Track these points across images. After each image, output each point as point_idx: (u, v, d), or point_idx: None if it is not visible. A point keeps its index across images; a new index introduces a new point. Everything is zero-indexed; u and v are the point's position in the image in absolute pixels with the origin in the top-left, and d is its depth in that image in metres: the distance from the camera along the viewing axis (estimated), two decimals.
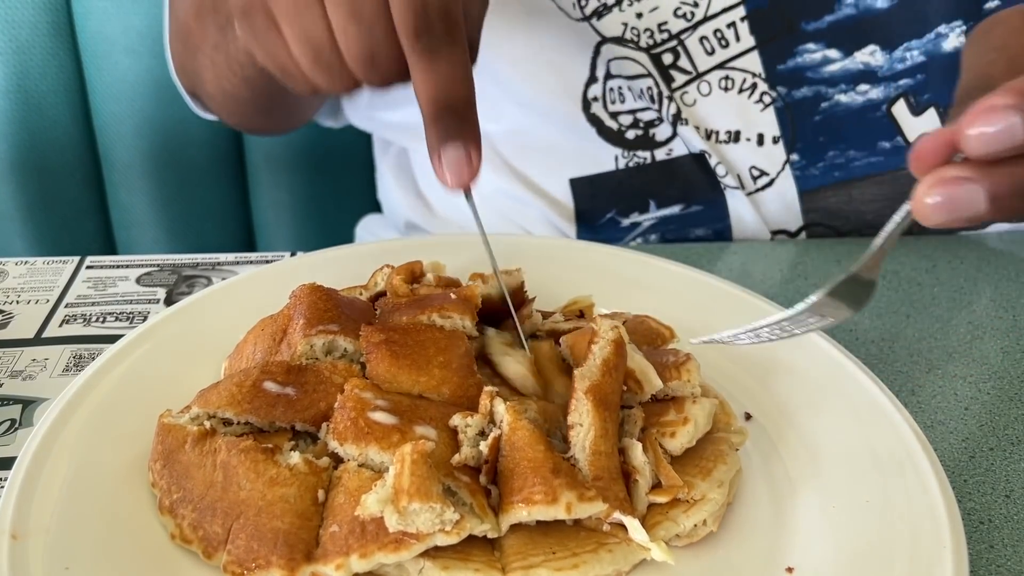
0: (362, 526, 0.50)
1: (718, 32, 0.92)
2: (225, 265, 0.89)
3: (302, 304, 0.64)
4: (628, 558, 0.54)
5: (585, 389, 0.56)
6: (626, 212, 1.01)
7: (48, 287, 0.85)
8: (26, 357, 0.75)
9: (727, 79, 0.94)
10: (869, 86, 0.93)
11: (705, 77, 0.94)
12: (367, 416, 0.55)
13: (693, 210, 1.00)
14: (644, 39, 0.93)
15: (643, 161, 0.98)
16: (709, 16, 0.92)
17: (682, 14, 0.92)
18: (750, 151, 0.96)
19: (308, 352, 0.62)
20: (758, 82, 0.94)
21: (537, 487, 0.52)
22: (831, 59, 0.92)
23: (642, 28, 0.93)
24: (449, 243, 0.86)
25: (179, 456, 0.56)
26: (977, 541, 0.60)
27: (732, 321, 0.74)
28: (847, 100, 0.94)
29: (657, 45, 0.93)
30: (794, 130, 0.95)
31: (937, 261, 0.94)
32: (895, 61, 0.91)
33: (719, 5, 0.92)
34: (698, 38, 0.93)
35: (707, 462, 0.59)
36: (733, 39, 0.93)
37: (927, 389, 0.75)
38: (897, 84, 0.92)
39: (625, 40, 0.93)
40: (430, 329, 0.62)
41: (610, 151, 0.98)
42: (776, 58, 0.93)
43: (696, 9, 0.92)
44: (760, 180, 0.97)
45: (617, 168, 0.99)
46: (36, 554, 0.52)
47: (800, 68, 0.93)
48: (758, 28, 0.92)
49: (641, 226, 1.02)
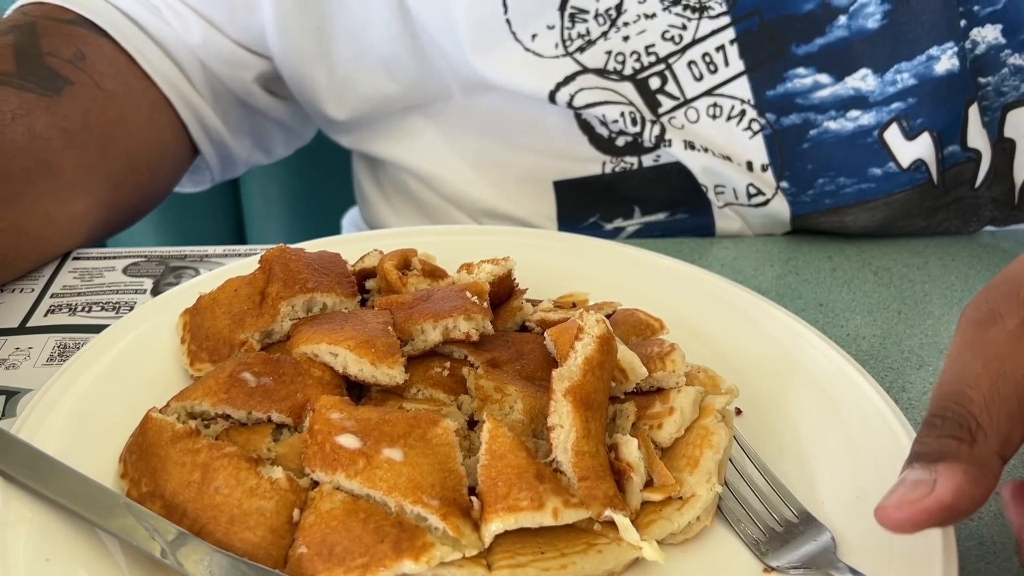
0: (330, 549, 0.50)
1: (707, 56, 0.91)
2: (213, 257, 0.89)
3: (275, 267, 0.66)
4: (619, 558, 0.53)
5: (564, 391, 0.56)
6: (610, 217, 1.01)
7: (33, 277, 0.84)
8: (10, 346, 0.74)
9: (715, 106, 0.93)
10: (860, 112, 0.91)
11: (693, 104, 0.93)
12: (334, 441, 0.54)
13: (678, 217, 1.00)
14: (630, 64, 0.91)
15: (630, 167, 0.98)
16: (698, 39, 0.91)
17: (670, 37, 0.91)
18: (742, 173, 0.95)
19: (290, 312, 0.64)
20: (747, 109, 0.92)
21: (523, 493, 0.51)
22: (821, 84, 0.91)
23: (628, 52, 0.91)
24: (437, 235, 0.85)
25: (158, 450, 0.55)
26: (967, 538, 0.60)
27: (724, 315, 0.74)
28: (836, 127, 0.92)
29: (644, 69, 0.92)
30: (782, 158, 0.93)
31: (929, 258, 0.94)
32: (886, 84, 0.89)
33: (708, 27, 0.90)
34: (686, 63, 0.91)
35: (693, 448, 0.58)
36: (722, 63, 0.91)
37: (918, 386, 0.75)
38: (889, 108, 0.91)
39: (607, 71, 0.92)
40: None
41: (598, 156, 0.98)
42: (766, 84, 0.92)
43: (684, 32, 0.90)
44: (756, 198, 0.96)
45: (604, 173, 0.98)
46: (16, 544, 0.51)
47: (790, 94, 0.91)
48: (748, 52, 0.91)
49: (624, 231, 1.02)
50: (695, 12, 0.89)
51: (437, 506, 0.51)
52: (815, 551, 0.55)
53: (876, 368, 0.76)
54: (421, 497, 0.51)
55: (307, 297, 0.65)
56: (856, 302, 0.86)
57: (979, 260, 0.94)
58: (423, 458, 0.53)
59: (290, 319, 0.64)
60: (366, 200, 1.15)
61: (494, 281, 0.68)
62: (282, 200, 1.45)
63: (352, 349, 0.59)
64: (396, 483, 0.51)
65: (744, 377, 0.68)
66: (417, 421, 0.55)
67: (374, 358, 0.59)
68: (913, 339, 0.81)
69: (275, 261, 0.67)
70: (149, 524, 0.52)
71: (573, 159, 0.98)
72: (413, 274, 0.70)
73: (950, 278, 0.90)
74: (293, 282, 0.65)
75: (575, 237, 0.87)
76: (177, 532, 0.51)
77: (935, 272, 0.91)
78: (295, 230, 1.46)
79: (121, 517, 0.52)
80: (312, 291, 0.65)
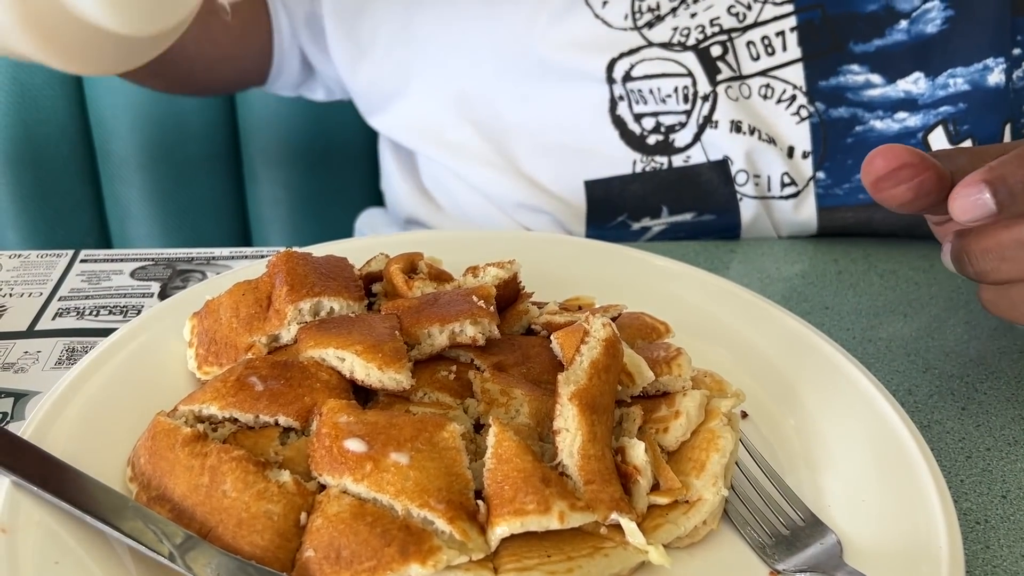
0: (337, 553, 0.50)
1: (766, 39, 0.93)
2: (220, 260, 0.89)
3: (282, 271, 0.66)
4: (625, 562, 0.53)
5: (569, 395, 0.56)
6: (638, 216, 1.01)
7: (42, 280, 0.84)
8: (18, 349, 0.74)
9: (768, 87, 0.94)
10: (908, 113, 0.92)
11: (747, 81, 0.95)
12: (341, 445, 0.54)
13: (706, 218, 1.00)
14: (694, 36, 0.93)
15: (660, 167, 0.98)
16: (760, 22, 0.93)
17: (735, 12, 0.93)
18: (781, 159, 0.96)
19: (297, 316, 0.64)
20: (798, 95, 0.94)
21: (529, 497, 0.51)
22: (873, 84, 0.92)
23: (693, 26, 0.93)
24: (443, 240, 0.85)
25: (166, 454, 0.56)
26: (973, 541, 0.60)
27: (731, 319, 0.75)
28: (882, 127, 0.93)
29: (707, 39, 0.93)
30: (825, 147, 0.95)
31: (934, 261, 0.94)
32: (937, 88, 0.91)
33: (771, 13, 0.92)
34: (745, 42, 0.93)
35: (699, 451, 0.58)
36: (780, 48, 0.93)
37: (924, 389, 0.75)
38: (937, 111, 0.92)
39: (671, 44, 0.94)
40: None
41: (629, 155, 0.98)
42: (819, 74, 0.93)
43: (748, 12, 0.93)
44: (788, 188, 0.97)
45: (634, 172, 0.99)
46: (26, 548, 0.51)
47: (841, 88, 0.93)
48: (806, 41, 0.92)
49: (651, 231, 1.02)
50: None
51: (444, 510, 0.51)
52: (821, 554, 0.55)
53: (882, 371, 0.76)
54: (428, 501, 0.51)
55: (314, 301, 0.65)
56: (862, 305, 0.86)
57: None
58: (430, 462, 0.53)
59: (297, 323, 0.64)
60: (395, 192, 1.15)
61: (499, 284, 0.68)
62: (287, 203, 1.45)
63: (359, 354, 0.60)
64: (403, 487, 0.52)
65: (750, 381, 0.68)
66: (424, 425, 0.55)
67: (381, 363, 0.59)
68: (919, 342, 0.81)
69: (282, 265, 0.67)
70: (157, 528, 0.52)
71: (604, 157, 0.99)
72: (419, 277, 0.70)
73: (956, 281, 0.90)
74: (300, 286, 0.65)
75: (581, 241, 0.87)
76: (185, 536, 0.52)
77: (941, 275, 0.91)
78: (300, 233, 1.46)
79: (129, 520, 0.52)
80: (319, 295, 0.65)
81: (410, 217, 1.13)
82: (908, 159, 0.59)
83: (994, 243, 0.59)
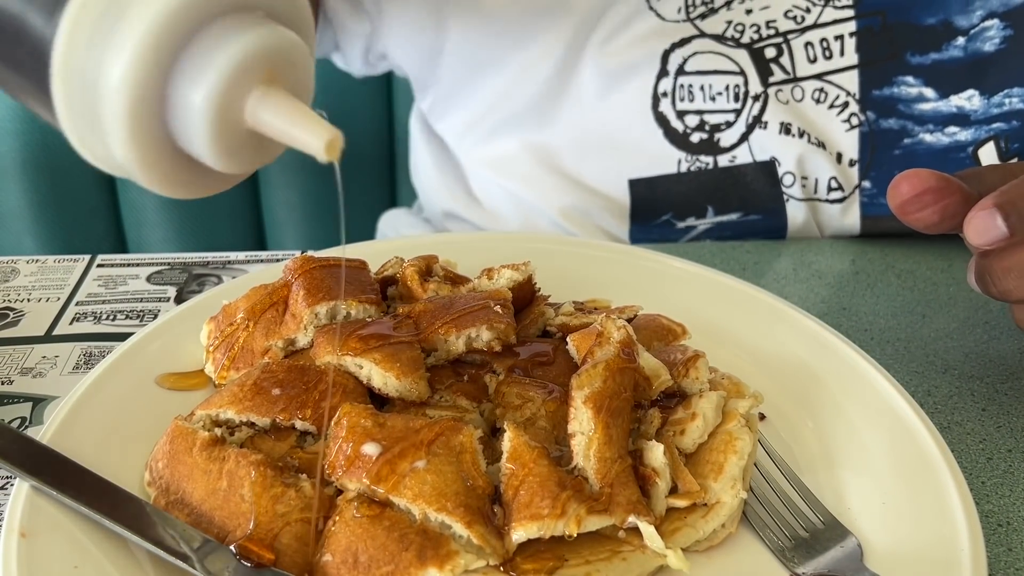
0: (354, 557, 0.50)
1: (824, 41, 0.93)
2: (236, 264, 0.89)
3: (299, 275, 0.66)
4: (643, 566, 0.53)
5: (584, 399, 0.55)
6: (683, 215, 1.01)
7: (59, 285, 0.85)
8: (36, 354, 0.75)
9: (821, 91, 0.94)
10: (959, 128, 0.92)
11: (800, 83, 0.94)
12: (358, 449, 0.54)
13: (751, 219, 1.00)
14: (748, 34, 0.93)
15: (705, 166, 0.98)
16: (819, 24, 0.92)
17: (792, 16, 0.92)
18: (830, 164, 0.95)
19: (314, 320, 0.65)
20: (850, 102, 0.93)
21: (545, 501, 0.51)
22: (926, 98, 0.92)
23: (748, 24, 0.93)
24: (459, 242, 0.85)
25: (184, 458, 0.56)
26: (995, 544, 0.59)
27: (748, 320, 0.74)
28: (932, 140, 0.93)
29: (761, 40, 0.93)
30: (872, 157, 0.94)
31: (954, 260, 0.93)
32: (992, 106, 0.90)
33: (831, 16, 0.92)
34: (803, 43, 0.93)
35: (718, 454, 0.58)
36: (837, 52, 0.93)
37: (943, 390, 0.74)
38: (989, 127, 0.91)
39: (724, 38, 0.93)
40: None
41: (673, 154, 0.98)
42: (873, 83, 0.92)
43: (807, 15, 0.92)
44: (835, 193, 0.96)
45: (679, 171, 0.99)
46: (45, 552, 0.51)
47: (894, 99, 0.93)
48: (864, 48, 0.92)
49: (696, 229, 1.02)
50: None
51: (461, 514, 0.51)
52: (842, 558, 0.54)
53: (901, 372, 0.76)
54: (445, 505, 0.51)
55: (331, 305, 0.65)
56: (880, 305, 0.86)
57: None
58: (447, 466, 0.53)
59: (314, 327, 0.64)
60: (430, 185, 1.14)
61: (514, 287, 0.68)
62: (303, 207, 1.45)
63: (378, 363, 0.60)
64: (420, 491, 0.51)
65: (768, 382, 0.68)
66: (440, 429, 0.55)
67: (399, 372, 0.59)
68: (938, 343, 0.80)
69: (299, 269, 0.67)
70: (175, 532, 0.52)
71: (648, 156, 0.99)
72: (435, 280, 0.70)
73: None
74: (317, 290, 0.65)
75: (596, 242, 0.87)
76: (203, 540, 0.52)
77: (960, 275, 0.91)
78: (316, 236, 1.46)
79: (148, 525, 0.52)
80: (336, 299, 0.65)
81: (446, 210, 1.12)
82: (933, 184, 0.60)
83: (1015, 262, 0.59)
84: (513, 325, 0.64)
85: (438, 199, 1.13)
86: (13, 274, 0.86)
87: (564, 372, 0.63)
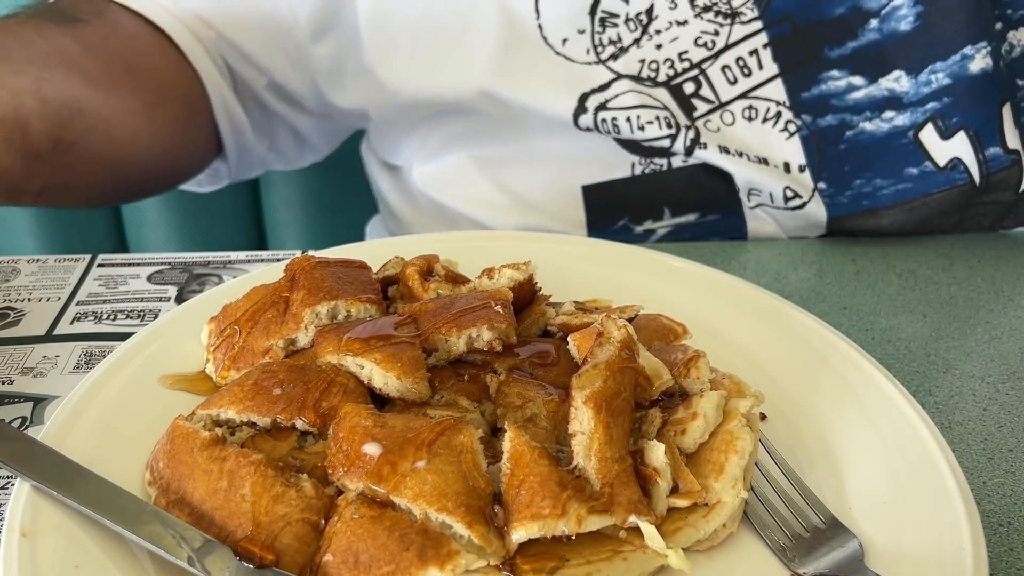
0: (355, 557, 0.50)
1: (740, 60, 0.92)
2: (236, 263, 0.89)
3: (299, 275, 0.66)
4: (644, 565, 0.53)
5: (584, 399, 0.55)
6: (639, 219, 1.01)
7: (59, 285, 0.84)
8: (37, 354, 0.75)
9: (751, 108, 0.93)
10: (895, 112, 0.92)
11: (728, 107, 0.94)
12: (359, 449, 0.54)
13: (709, 219, 1.00)
14: (664, 71, 0.92)
15: (660, 168, 0.98)
16: (731, 44, 0.92)
17: (703, 43, 0.92)
18: (778, 176, 0.95)
19: (314, 320, 0.65)
20: (782, 110, 0.93)
21: (546, 501, 0.51)
22: (856, 86, 0.92)
23: (661, 60, 0.92)
24: (460, 241, 0.85)
25: (185, 458, 0.56)
26: (996, 544, 0.59)
27: (747, 319, 0.74)
28: (872, 128, 0.93)
29: (678, 75, 0.92)
30: (820, 158, 0.94)
31: (954, 260, 0.93)
32: (920, 85, 0.90)
33: (740, 32, 0.91)
34: (720, 67, 0.92)
35: (719, 454, 0.58)
36: (756, 67, 0.92)
37: (944, 389, 0.74)
38: (924, 109, 0.91)
39: (641, 78, 0.93)
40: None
41: (627, 158, 0.98)
42: (800, 86, 0.92)
43: (717, 38, 0.92)
44: (793, 201, 0.96)
45: (633, 175, 0.98)
46: (46, 552, 0.51)
47: (825, 96, 0.92)
48: (781, 56, 0.92)
49: (655, 234, 1.02)
50: (727, 18, 0.90)
51: (462, 514, 0.51)
52: (843, 558, 0.54)
53: (902, 372, 0.76)
54: (446, 505, 0.51)
55: (331, 305, 0.65)
56: (881, 305, 0.86)
57: (1005, 261, 0.93)
58: (447, 466, 0.53)
59: (315, 327, 0.64)
60: (391, 212, 1.15)
61: (515, 286, 0.68)
62: (303, 206, 1.45)
63: (379, 363, 0.60)
64: (421, 491, 0.51)
65: (769, 382, 0.68)
66: (441, 429, 0.55)
67: (400, 373, 0.59)
68: (939, 342, 0.80)
69: (299, 269, 0.67)
70: (176, 532, 0.52)
71: (601, 162, 0.98)
72: (435, 280, 0.70)
73: (976, 280, 0.90)
74: (317, 290, 0.65)
75: (596, 242, 0.86)
76: (203, 539, 0.52)
77: (961, 274, 0.91)
78: (316, 236, 1.46)
79: (148, 525, 0.52)
80: (336, 299, 0.65)
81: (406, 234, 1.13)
82: None
83: None
84: (514, 325, 0.64)
85: (400, 228, 1.14)
86: (14, 274, 0.86)
87: (565, 372, 0.63)
